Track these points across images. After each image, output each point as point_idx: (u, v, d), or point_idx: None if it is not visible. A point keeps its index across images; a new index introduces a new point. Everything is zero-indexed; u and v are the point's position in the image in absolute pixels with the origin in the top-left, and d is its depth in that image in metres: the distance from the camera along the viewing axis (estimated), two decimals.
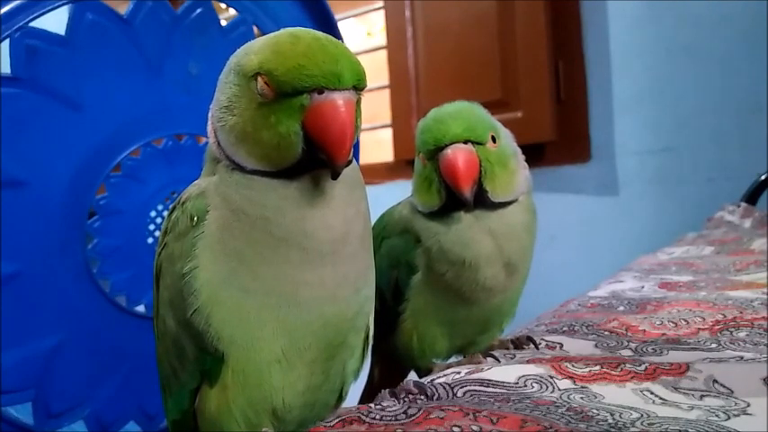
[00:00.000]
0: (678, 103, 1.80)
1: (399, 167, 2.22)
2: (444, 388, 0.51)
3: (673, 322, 0.73)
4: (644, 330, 0.72)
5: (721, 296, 0.83)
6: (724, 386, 0.50)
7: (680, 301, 0.82)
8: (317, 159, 0.42)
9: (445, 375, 0.57)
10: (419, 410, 0.44)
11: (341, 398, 0.51)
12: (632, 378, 0.52)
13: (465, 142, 0.60)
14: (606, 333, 0.71)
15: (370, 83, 0.44)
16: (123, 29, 0.85)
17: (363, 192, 0.48)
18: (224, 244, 0.43)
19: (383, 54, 2.29)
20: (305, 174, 0.43)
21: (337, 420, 0.45)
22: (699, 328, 0.70)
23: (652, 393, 0.49)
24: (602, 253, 1.87)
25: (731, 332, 0.68)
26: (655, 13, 1.82)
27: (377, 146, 2.40)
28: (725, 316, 0.73)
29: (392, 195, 0.75)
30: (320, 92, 0.41)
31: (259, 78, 0.41)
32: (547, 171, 1.94)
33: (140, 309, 0.90)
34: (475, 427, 0.40)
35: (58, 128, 0.81)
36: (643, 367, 0.54)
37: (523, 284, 0.67)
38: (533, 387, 0.51)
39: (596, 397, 0.49)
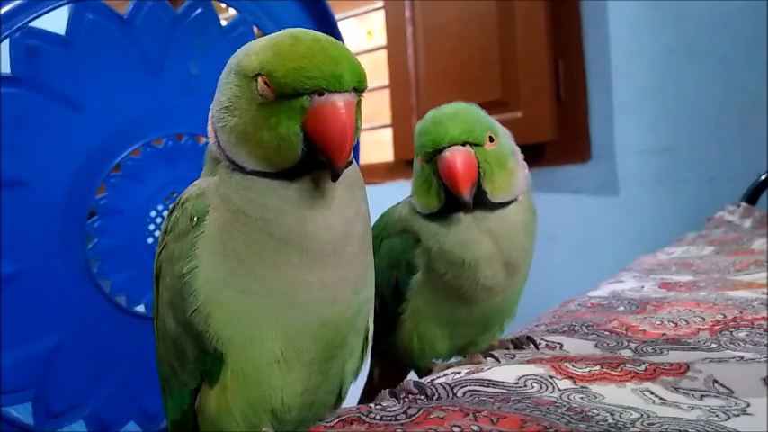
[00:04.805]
0: (678, 103, 1.80)
1: (399, 167, 2.22)
2: (444, 388, 0.51)
3: (673, 322, 0.73)
4: (644, 330, 0.72)
5: (721, 296, 0.83)
6: (724, 386, 0.50)
7: (680, 301, 0.82)
8: (317, 160, 0.42)
9: (445, 375, 0.57)
10: (419, 410, 0.44)
11: (340, 398, 0.51)
12: (632, 378, 0.53)
13: (463, 144, 0.60)
14: (606, 333, 0.71)
15: (370, 83, 0.44)
16: (123, 29, 0.85)
17: (363, 192, 0.48)
18: (224, 244, 0.43)
19: (383, 54, 2.29)
20: (305, 175, 0.43)
21: (337, 420, 0.45)
22: (699, 328, 0.70)
23: (652, 393, 0.49)
24: (602, 253, 1.87)
25: (731, 332, 0.68)
26: (655, 14, 1.82)
27: (377, 146, 2.40)
28: (725, 316, 0.73)
29: (392, 195, 0.75)
30: (320, 94, 0.41)
31: (259, 79, 0.41)
32: (547, 171, 1.94)
33: (140, 309, 0.90)
34: (475, 427, 0.40)
35: (58, 128, 0.81)
36: (643, 367, 0.54)
37: (523, 284, 0.67)
38: (533, 387, 0.51)
39: (596, 397, 0.49)
